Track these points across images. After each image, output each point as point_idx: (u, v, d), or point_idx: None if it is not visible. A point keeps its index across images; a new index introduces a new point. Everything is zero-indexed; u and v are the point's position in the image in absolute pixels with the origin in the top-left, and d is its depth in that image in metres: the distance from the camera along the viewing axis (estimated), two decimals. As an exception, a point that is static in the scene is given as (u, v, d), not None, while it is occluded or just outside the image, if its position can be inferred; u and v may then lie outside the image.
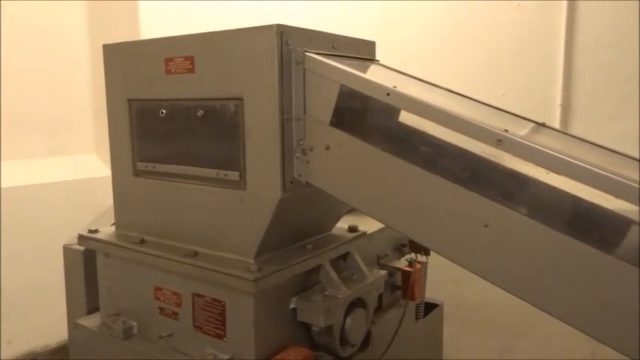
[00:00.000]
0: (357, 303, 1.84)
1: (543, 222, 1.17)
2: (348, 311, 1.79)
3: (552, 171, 1.16)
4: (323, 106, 1.48)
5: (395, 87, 1.35)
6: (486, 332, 2.85)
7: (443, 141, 1.38)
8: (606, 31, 2.51)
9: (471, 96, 1.61)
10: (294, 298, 1.71)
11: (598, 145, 1.39)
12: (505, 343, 2.81)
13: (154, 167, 1.81)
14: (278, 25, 1.47)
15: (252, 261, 1.61)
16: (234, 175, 1.62)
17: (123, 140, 1.88)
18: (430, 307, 2.57)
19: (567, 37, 2.64)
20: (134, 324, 1.89)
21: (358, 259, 1.91)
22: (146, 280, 1.83)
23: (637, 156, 1.31)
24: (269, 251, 1.66)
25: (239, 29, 1.54)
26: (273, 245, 1.67)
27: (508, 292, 1.26)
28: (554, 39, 2.70)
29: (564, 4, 2.59)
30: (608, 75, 2.54)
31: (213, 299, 1.66)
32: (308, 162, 1.53)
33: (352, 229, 1.99)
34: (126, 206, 1.94)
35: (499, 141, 1.20)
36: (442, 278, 2.55)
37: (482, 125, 1.23)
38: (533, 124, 1.53)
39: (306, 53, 1.51)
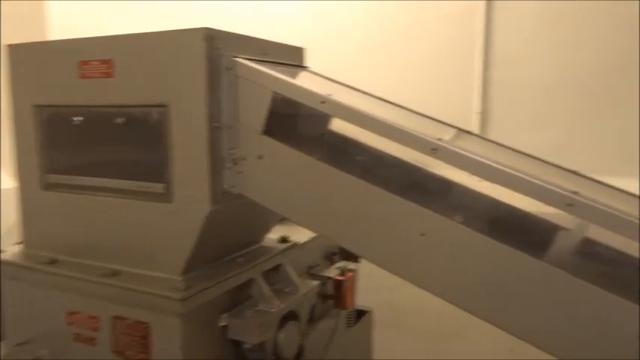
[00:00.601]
0: (290, 316, 1.79)
1: (478, 229, 1.19)
2: (281, 325, 1.73)
3: (485, 179, 1.18)
4: (255, 113, 1.42)
5: (330, 95, 1.32)
6: (419, 337, 2.90)
7: (377, 150, 1.37)
8: (522, 45, 2.66)
9: (401, 104, 1.62)
10: (225, 315, 1.63)
11: (526, 154, 1.44)
12: (439, 347, 2.87)
13: (67, 179, 1.66)
14: (207, 29, 1.39)
15: (180, 279, 1.51)
16: (158, 188, 1.51)
17: (30, 150, 1.71)
18: (360, 313, 2.57)
19: (485, 49, 2.77)
20: (45, 352, 1.72)
21: (290, 270, 1.86)
22: (59, 304, 1.66)
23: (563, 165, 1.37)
24: (197, 267, 1.57)
25: (164, 31, 1.45)
26: (201, 261, 1.58)
27: (445, 300, 1.26)
28: (473, 50, 2.82)
29: (481, 17, 2.71)
30: (524, 85, 2.68)
31: (136, 321, 1.54)
32: (240, 172, 1.46)
33: (283, 239, 1.94)
34: (34, 223, 1.76)
35: (434, 150, 1.21)
36: (374, 285, 2.56)
37: (418, 134, 1.23)
38: (462, 132, 1.57)
39: (237, 59, 1.44)
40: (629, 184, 1.53)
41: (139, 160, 1.56)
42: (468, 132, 1.59)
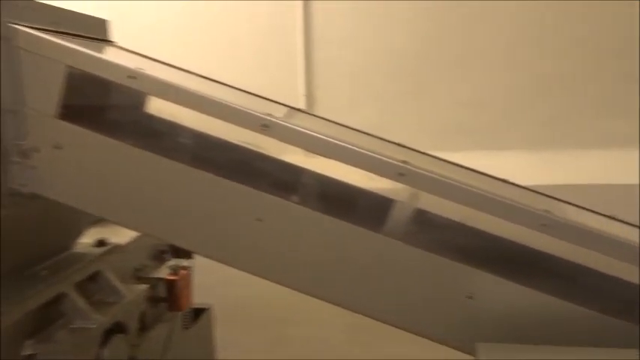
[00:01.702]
0: (116, 329, 1.56)
1: (315, 208, 1.13)
2: (105, 341, 1.50)
3: (319, 154, 1.12)
4: (46, 94, 1.16)
5: (140, 69, 1.14)
6: (259, 326, 2.83)
7: (203, 132, 1.23)
8: (341, 29, 2.71)
9: (225, 82, 1.49)
10: (30, 342, 1.34)
11: (355, 130, 1.43)
12: (277, 333, 2.84)
13: None
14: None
15: (-37, 305, 1.20)
16: None
17: None
18: (199, 312, 2.41)
19: (305, 31, 2.77)
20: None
21: (111, 277, 1.62)
22: None
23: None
24: (-13, 288, 1.26)
25: None
26: (-9, 279, 1.28)
27: (287, 286, 1.19)
28: (294, 33, 2.80)
29: (300, 3, 2.70)
30: (345, 67, 2.75)
31: None
32: (33, 167, 1.19)
33: (100, 243, 1.68)
34: None
35: (264, 126, 1.11)
36: (210, 280, 2.41)
37: (246, 110, 1.12)
38: (293, 110, 1.50)
39: (18, 27, 1.16)
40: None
41: None
42: (299, 109, 1.54)
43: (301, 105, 2.81)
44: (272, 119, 1.11)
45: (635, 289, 1.17)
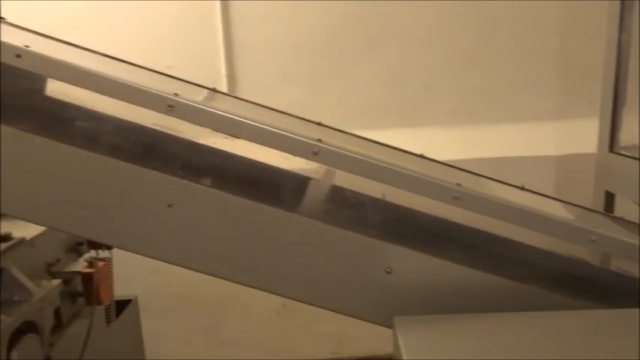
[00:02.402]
0: (26, 328, 1.46)
1: (229, 191, 1.09)
2: (13, 342, 1.40)
3: (230, 134, 1.08)
4: None
5: (28, 47, 1.04)
6: (190, 315, 2.77)
7: (105, 114, 1.15)
8: (261, 6, 2.64)
9: (133, 61, 1.41)
10: None
11: (275, 110, 1.39)
12: (209, 320, 2.79)
13: None
14: None
15: None
16: None
17: None
18: (124, 304, 2.32)
19: (223, 10, 2.67)
20: None
21: (18, 273, 1.51)
22: None
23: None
24: None
25: None
26: None
27: (206, 273, 1.15)
28: (212, 11, 2.70)
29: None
30: (266, 47, 2.69)
31: None
32: None
33: (3, 237, 1.56)
34: None
35: (170, 107, 1.05)
36: (135, 270, 2.32)
37: (150, 90, 1.06)
38: (205, 90, 1.44)
39: None
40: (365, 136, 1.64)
41: None
42: (216, 90, 1.48)
43: (223, 86, 2.73)
44: (178, 99, 1.05)
45: (545, 255, 1.23)
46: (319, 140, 1.09)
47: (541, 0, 2.67)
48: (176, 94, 1.07)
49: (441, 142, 2.79)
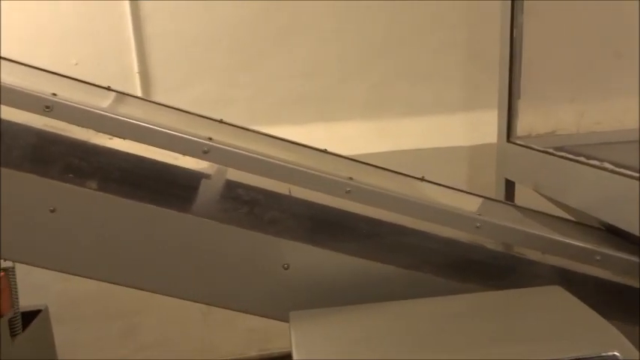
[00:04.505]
0: None
1: (117, 193, 1.06)
2: None
3: (115, 135, 1.04)
4: None
5: None
6: (105, 319, 2.66)
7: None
8: (169, 1, 2.56)
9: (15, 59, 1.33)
10: None
11: (174, 108, 1.36)
12: (127, 324, 2.70)
13: None
14: None
15: None
16: None
17: None
18: (33, 315, 2.20)
19: (132, 3, 2.57)
20: None
21: None
22: None
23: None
24: None
25: None
26: None
27: (97, 279, 1.11)
28: (120, 5, 2.59)
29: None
30: (179, 41, 2.61)
31: None
32: None
33: None
34: None
35: (47, 108, 1.00)
36: (46, 277, 2.20)
37: (23, 90, 1.00)
38: (99, 90, 1.39)
39: None
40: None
41: None
42: (108, 88, 1.43)
43: (136, 83, 2.63)
44: (56, 100, 1.00)
45: (439, 243, 1.28)
46: (210, 139, 1.07)
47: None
48: (54, 94, 1.02)
49: (356, 135, 2.84)
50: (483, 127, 2.87)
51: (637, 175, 1.27)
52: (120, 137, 1.04)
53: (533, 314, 1.06)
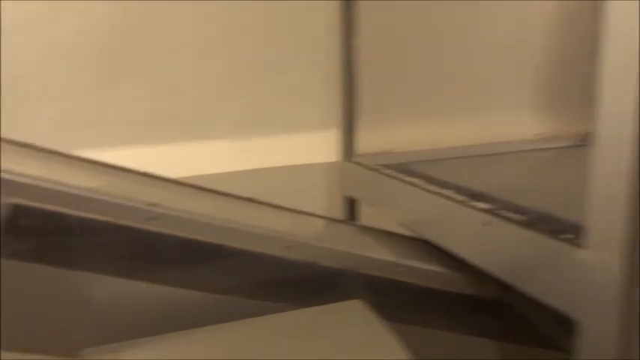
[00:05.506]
0: None
1: None
2: None
3: None
4: None
5: None
6: None
7: None
8: (27, 14, 2.38)
9: None
10: None
11: None
12: None
13: None
14: None
15: None
16: None
17: None
18: None
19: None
20: None
21: None
22: None
23: None
24: None
25: None
26: None
27: None
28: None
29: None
30: (40, 55, 2.43)
31: None
32: None
33: None
34: None
35: None
36: None
37: None
38: None
39: None
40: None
41: None
42: None
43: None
44: None
45: (246, 263, 1.27)
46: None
47: (321, 12, 2.83)
48: None
49: (224, 155, 2.81)
50: (341, 144, 2.97)
51: (442, 191, 1.37)
52: None
53: (324, 332, 1.09)
